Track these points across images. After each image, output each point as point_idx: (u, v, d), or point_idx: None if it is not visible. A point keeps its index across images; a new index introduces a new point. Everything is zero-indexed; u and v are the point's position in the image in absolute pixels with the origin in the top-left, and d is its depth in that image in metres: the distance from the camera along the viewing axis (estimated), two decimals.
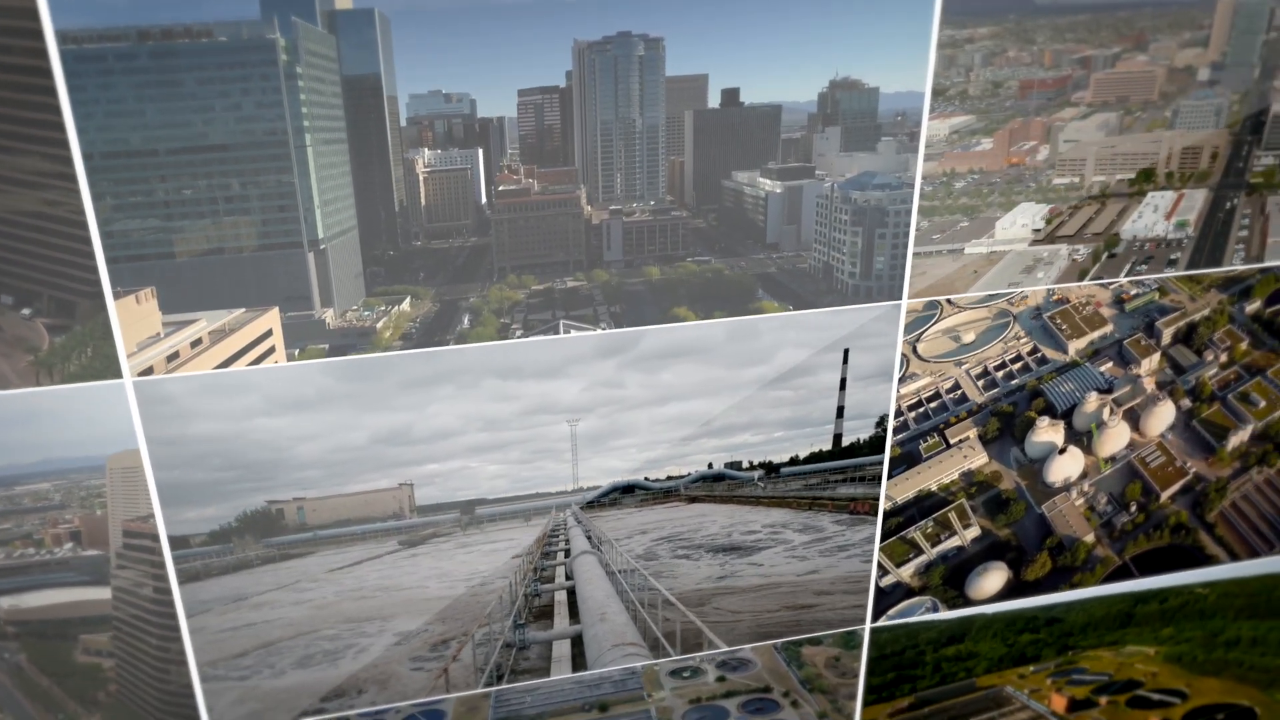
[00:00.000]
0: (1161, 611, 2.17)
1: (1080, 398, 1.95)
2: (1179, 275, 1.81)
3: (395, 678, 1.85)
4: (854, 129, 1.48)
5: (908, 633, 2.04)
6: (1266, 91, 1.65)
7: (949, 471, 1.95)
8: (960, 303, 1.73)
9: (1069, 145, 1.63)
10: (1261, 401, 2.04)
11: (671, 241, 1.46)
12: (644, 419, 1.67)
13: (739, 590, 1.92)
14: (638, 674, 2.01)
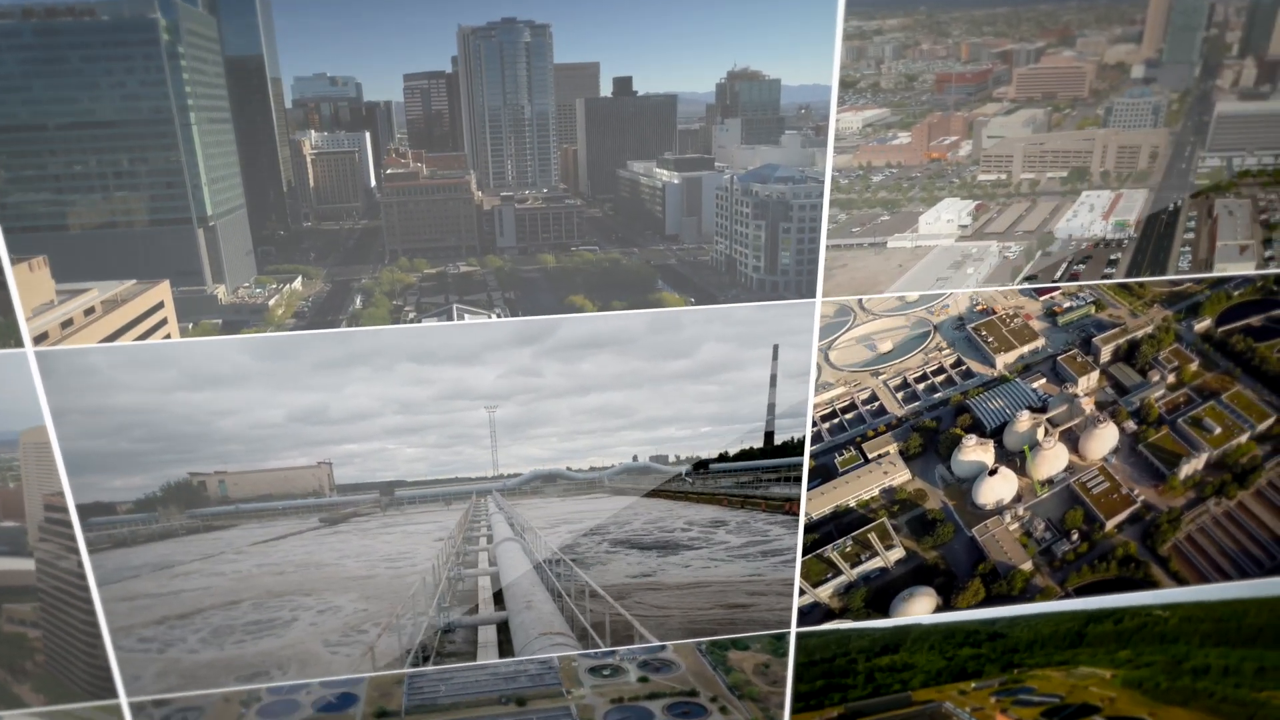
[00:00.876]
0: (1117, 633, 2.06)
1: (1011, 416, 1.88)
2: (1124, 282, 1.75)
3: (315, 656, 1.89)
4: (755, 121, 1.49)
5: (838, 639, 1.98)
6: (1209, 91, 1.60)
7: (868, 488, 1.89)
8: (875, 309, 1.70)
9: (994, 141, 1.60)
10: (1216, 428, 1.95)
11: (566, 230, 1.49)
12: (564, 408, 1.68)
13: (665, 586, 1.91)
14: (555, 669, 2.01)
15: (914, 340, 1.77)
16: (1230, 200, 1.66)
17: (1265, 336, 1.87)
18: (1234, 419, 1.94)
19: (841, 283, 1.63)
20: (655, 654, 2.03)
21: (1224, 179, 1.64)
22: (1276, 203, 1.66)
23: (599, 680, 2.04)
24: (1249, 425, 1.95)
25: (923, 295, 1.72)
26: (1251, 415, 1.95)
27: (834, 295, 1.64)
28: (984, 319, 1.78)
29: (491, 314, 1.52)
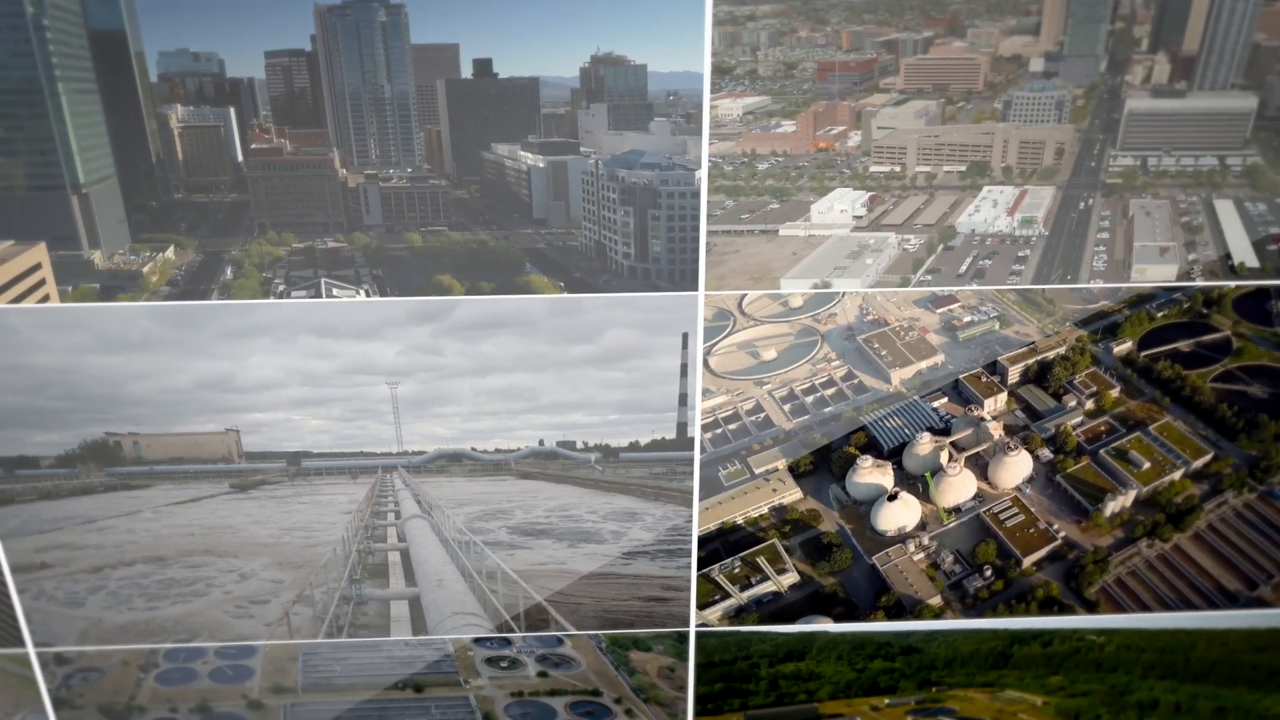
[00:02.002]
0: (1045, 656, 1.96)
1: (910, 436, 1.81)
2: (1029, 289, 1.67)
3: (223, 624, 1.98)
4: (622, 107, 1.50)
5: (738, 642, 1.95)
6: (1118, 87, 1.53)
7: (757, 505, 1.84)
8: (756, 314, 1.67)
9: (884, 132, 1.57)
10: (1145, 462, 1.83)
11: (432, 210, 1.53)
12: (466, 388, 1.72)
13: (570, 574, 1.93)
14: (451, 657, 2.05)
15: (800, 349, 1.73)
16: (1147, 201, 1.58)
17: (1196, 363, 1.75)
18: (1164, 453, 1.83)
19: (735, 268, 1.62)
20: (553, 649, 2.05)
21: (1139, 179, 1.56)
22: (1199, 205, 1.57)
23: (497, 672, 2.07)
24: (1182, 461, 1.84)
25: (808, 301, 1.69)
26: (1185, 450, 1.83)
27: (731, 280, 1.62)
28: (876, 330, 1.73)
29: (359, 290, 1.57)
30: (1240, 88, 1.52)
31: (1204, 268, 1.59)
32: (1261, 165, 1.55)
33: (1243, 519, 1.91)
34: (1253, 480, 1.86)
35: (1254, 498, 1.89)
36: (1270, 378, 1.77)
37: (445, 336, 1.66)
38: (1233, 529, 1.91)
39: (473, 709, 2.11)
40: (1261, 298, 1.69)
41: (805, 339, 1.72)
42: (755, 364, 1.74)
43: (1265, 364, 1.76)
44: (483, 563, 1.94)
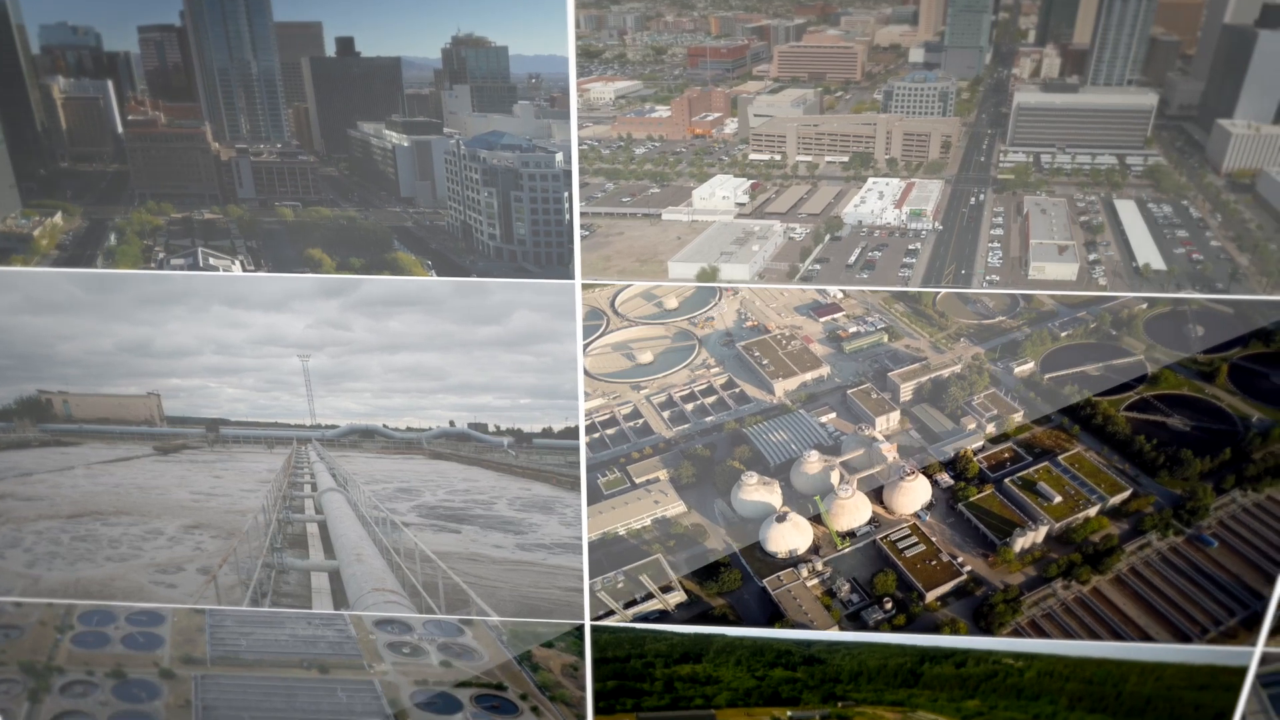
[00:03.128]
0: (959, 677, 1.85)
1: (797, 452, 1.74)
2: (920, 291, 1.58)
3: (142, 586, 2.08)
4: (485, 89, 1.52)
5: (633, 639, 1.90)
6: (1004, 80, 1.45)
7: (639, 516, 1.80)
8: (630, 315, 1.65)
9: (761, 120, 1.54)
10: (1055, 495, 1.71)
11: (303, 185, 1.58)
12: (375, 364, 1.75)
13: (476, 559, 1.93)
14: (354, 639, 2.09)
15: (678, 354, 1.69)
16: (1043, 199, 1.49)
17: (1106, 389, 1.64)
18: (1077, 487, 1.71)
19: (621, 250, 1.61)
20: (454, 638, 2.07)
21: (1032, 176, 1.48)
22: (1097, 205, 1.48)
23: (400, 658, 2.10)
24: (1097, 497, 1.71)
25: (684, 302, 1.66)
26: (1100, 485, 1.71)
27: (617, 262, 1.61)
28: (756, 337, 1.67)
29: (235, 261, 1.64)
30: (1138, 84, 1.42)
31: (1106, 268, 1.49)
32: (1165, 166, 1.44)
33: (1169, 564, 1.77)
34: (1178, 522, 1.73)
35: (1181, 541, 1.75)
36: (1192, 409, 1.64)
37: (352, 311, 1.70)
38: (1158, 574, 1.77)
39: (378, 694, 2.15)
40: (1178, 320, 1.57)
41: (683, 343, 1.69)
42: (631, 367, 1.71)
43: (1185, 394, 1.63)
44: (400, 541, 1.97)
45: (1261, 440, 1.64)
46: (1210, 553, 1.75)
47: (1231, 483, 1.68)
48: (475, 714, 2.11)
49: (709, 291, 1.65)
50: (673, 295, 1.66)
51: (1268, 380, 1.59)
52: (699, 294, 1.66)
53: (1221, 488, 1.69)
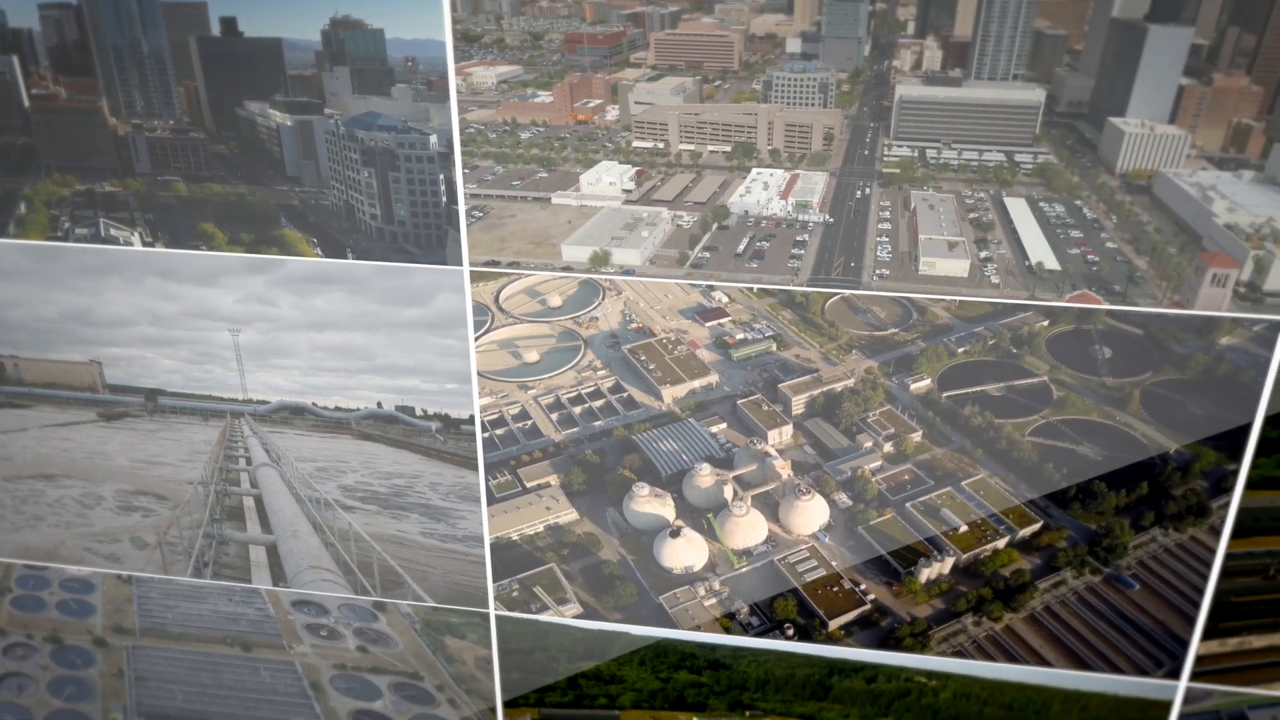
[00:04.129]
0: (870, 693, 1.79)
1: (689, 463, 1.72)
2: (804, 291, 1.53)
3: (81, 551, 2.19)
4: (364, 71, 1.55)
5: (536, 631, 1.92)
6: (885, 72, 1.40)
7: (531, 522, 1.81)
8: (515, 313, 1.65)
9: (642, 108, 1.53)
10: (960, 524, 1.64)
11: (194, 161, 1.65)
12: (303, 342, 1.83)
13: (397, 542, 1.98)
14: (273, 618, 2.15)
15: (564, 354, 1.70)
16: (930, 194, 1.44)
17: (1008, 411, 1.56)
18: (983, 515, 1.64)
19: (514, 231, 1.63)
20: (369, 623, 2.11)
21: (918, 170, 1.43)
22: (987, 202, 1.41)
23: (317, 640, 2.16)
24: (1005, 528, 1.64)
25: (568, 301, 1.66)
26: (1008, 514, 1.63)
27: (512, 244, 1.62)
28: (642, 340, 1.67)
29: (134, 232, 1.72)
30: (1024, 79, 1.35)
31: (999, 266, 1.42)
32: (1056, 165, 1.37)
33: (1087, 605, 1.67)
34: (1095, 560, 1.63)
35: (1099, 581, 1.65)
36: (1102, 437, 1.54)
37: (279, 288, 1.77)
38: (1076, 615, 1.68)
39: (299, 676, 2.21)
40: (1082, 340, 1.48)
41: (568, 343, 1.69)
42: (518, 365, 1.72)
43: (1095, 420, 1.54)
44: (333, 520, 2.01)
45: (1181, 475, 1.53)
46: (1131, 595, 1.64)
47: (1151, 520, 1.58)
48: (394, 702, 2.15)
49: (592, 290, 1.65)
50: (556, 293, 1.67)
51: (1184, 409, 1.49)
52: (582, 292, 1.66)
53: (1140, 525, 1.59)
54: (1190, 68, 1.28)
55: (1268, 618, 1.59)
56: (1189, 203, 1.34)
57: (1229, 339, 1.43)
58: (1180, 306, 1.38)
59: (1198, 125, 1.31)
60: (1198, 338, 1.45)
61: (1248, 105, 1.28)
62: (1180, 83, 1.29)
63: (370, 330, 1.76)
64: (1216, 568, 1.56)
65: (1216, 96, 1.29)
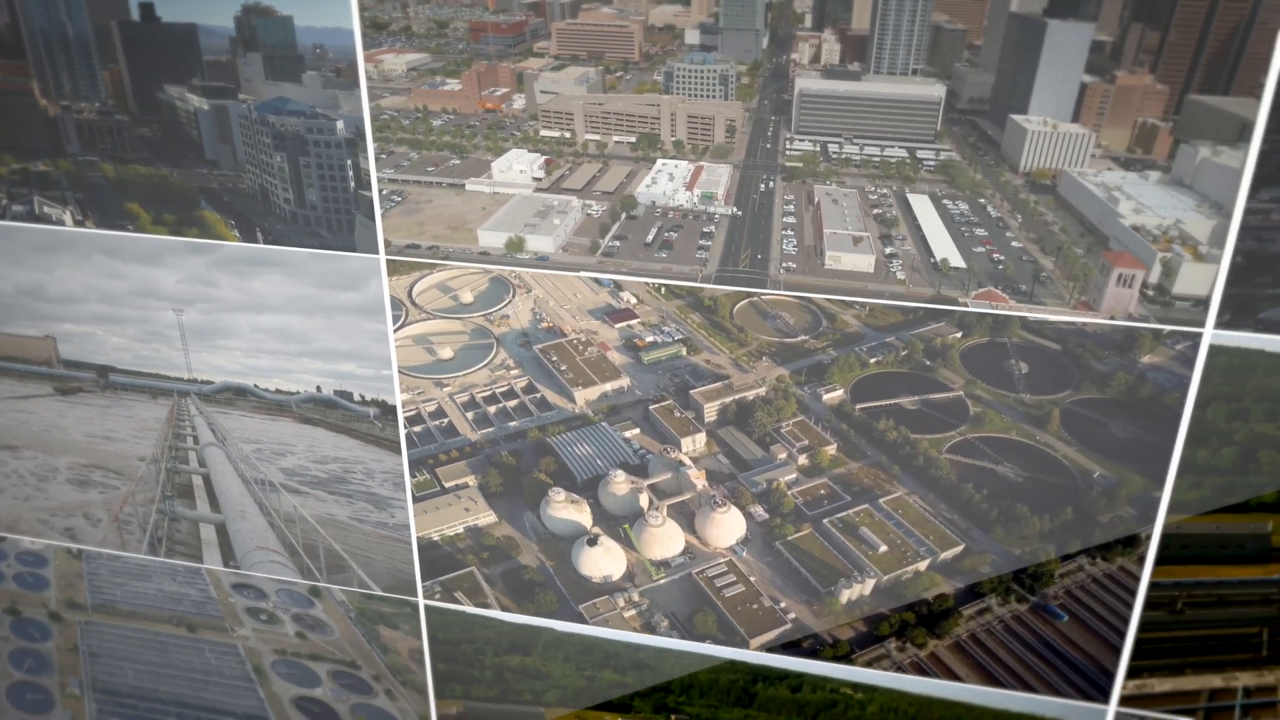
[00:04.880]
0: (796, 703, 1.78)
1: (603, 469, 1.74)
2: (712, 291, 1.52)
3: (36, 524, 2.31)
4: (275, 58, 1.60)
5: (463, 622, 1.96)
6: (785, 66, 1.38)
7: (451, 523, 1.84)
8: (427, 308, 1.69)
9: (548, 97, 1.54)
10: (880, 544, 1.61)
11: (120, 143, 1.72)
12: (243, 324, 1.92)
13: (333, 524, 2.04)
14: (215, 600, 2.23)
15: (478, 351, 1.72)
16: (834, 189, 1.42)
17: (924, 426, 1.53)
18: (903, 536, 1.60)
19: (432, 216, 1.68)
20: (306, 609, 2.17)
21: (820, 165, 1.41)
22: (890, 198, 1.39)
23: (258, 624, 2.23)
24: (926, 550, 1.61)
25: (479, 297, 1.69)
26: (928, 535, 1.60)
27: (430, 229, 1.66)
28: (553, 340, 1.68)
29: (66, 210, 1.80)
30: (925, 74, 1.32)
31: (904, 262, 1.39)
32: (958, 162, 1.35)
33: (1014, 635, 1.62)
34: (1020, 588, 1.58)
35: (1026, 610, 1.60)
36: (1022, 457, 1.50)
37: (218, 269, 1.84)
38: (1002, 645, 1.63)
39: (243, 659, 2.29)
40: (997, 353, 1.44)
41: (481, 340, 1.72)
42: (433, 362, 1.75)
43: (1015, 439, 1.49)
44: (278, 503, 2.07)
45: (1108, 501, 1.47)
46: (1060, 626, 1.59)
47: (1077, 548, 1.52)
48: (334, 690, 2.21)
49: (503, 287, 1.67)
50: (468, 289, 1.69)
51: (1106, 430, 1.43)
52: (493, 289, 1.68)
53: (1066, 553, 1.53)
54: (1093, 65, 1.24)
55: (1194, 653, 1.52)
56: (1095, 203, 1.31)
57: (1151, 357, 1.37)
58: (1087, 308, 1.34)
59: (1102, 124, 1.27)
60: (1118, 355, 1.39)
61: (1153, 104, 1.23)
62: (1083, 80, 1.25)
63: (307, 314, 1.82)
64: (1141, 597, 1.49)
65: (1120, 95, 1.24)
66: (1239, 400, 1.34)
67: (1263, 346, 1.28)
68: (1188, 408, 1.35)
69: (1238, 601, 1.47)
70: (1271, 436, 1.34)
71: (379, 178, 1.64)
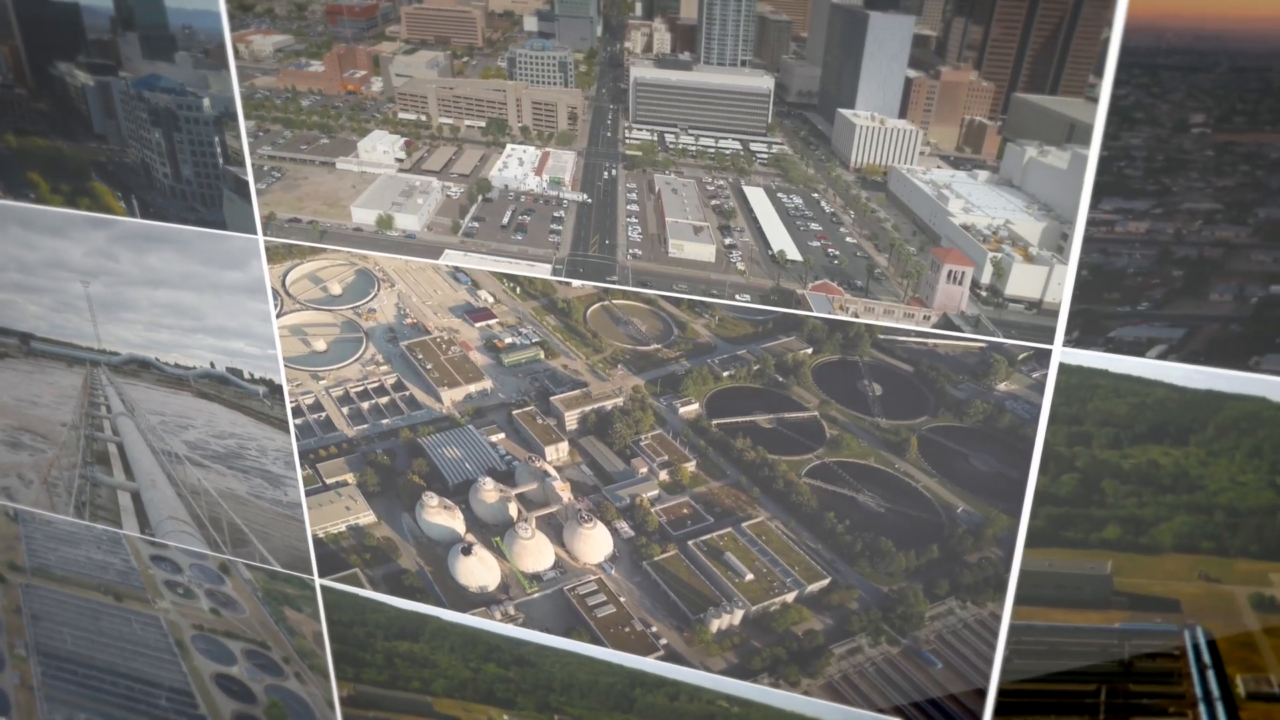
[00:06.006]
0: (674, 711, 1.78)
1: (473, 474, 1.76)
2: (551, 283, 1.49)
3: None
4: (151, 38, 1.67)
5: (354, 605, 2.03)
6: (619, 55, 1.36)
7: (334, 520, 1.88)
8: (300, 297, 1.74)
9: (403, 80, 1.56)
10: (746, 572, 1.58)
11: (20, 116, 1.83)
12: (142, 298, 2.05)
13: (232, 498, 2.15)
14: (137, 571, 2.35)
15: (348, 345, 1.76)
16: (673, 178, 1.44)
17: (781, 447, 1.49)
18: (767, 564, 1.56)
19: (309, 193, 1.76)
20: (218, 585, 2.27)
21: (659, 154, 1.42)
22: (727, 189, 1.38)
23: (176, 598, 2.34)
24: (793, 581, 1.57)
25: (348, 289, 1.74)
26: (793, 565, 1.55)
27: (308, 204, 1.72)
28: (417, 338, 1.71)
29: None
30: (753, 65, 1.27)
31: (743, 253, 1.37)
32: (790, 156, 1.33)
33: (887, 679, 1.56)
34: (890, 629, 1.51)
35: (897, 653, 1.53)
36: (882, 486, 1.43)
37: (117, 243, 1.94)
38: (875, 689, 1.57)
39: (165, 632, 2.41)
40: (849, 372, 1.37)
41: (351, 334, 1.76)
42: (308, 353, 1.80)
43: (874, 466, 1.42)
44: (183, 475, 2.18)
45: (974, 541, 1.40)
46: (933, 673, 1.51)
47: (946, 589, 1.45)
48: (249, 670, 2.32)
49: (369, 280, 1.70)
50: (336, 280, 1.73)
51: (966, 462, 1.36)
52: (360, 282, 1.72)
53: (934, 593, 1.46)
54: (918, 60, 1.17)
55: (1052, 709, 1.42)
56: (925, 201, 1.29)
57: (1007, 384, 1.29)
58: (920, 304, 1.32)
59: (930, 121, 1.20)
60: (972, 380, 1.31)
61: (979, 102, 1.16)
62: (907, 75, 1.17)
63: (198, 291, 1.92)
64: (1001, 642, 1.41)
65: (946, 91, 1.16)
66: (1079, 423, 1.25)
67: (1107, 366, 1.20)
68: (1040, 433, 1.26)
69: (1071, 653, 1.37)
70: (1114, 464, 1.24)
71: (256, 155, 1.69)
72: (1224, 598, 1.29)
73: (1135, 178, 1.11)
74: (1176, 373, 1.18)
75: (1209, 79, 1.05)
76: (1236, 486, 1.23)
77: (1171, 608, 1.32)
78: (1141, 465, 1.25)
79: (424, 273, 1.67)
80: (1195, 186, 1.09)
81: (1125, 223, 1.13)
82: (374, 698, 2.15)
